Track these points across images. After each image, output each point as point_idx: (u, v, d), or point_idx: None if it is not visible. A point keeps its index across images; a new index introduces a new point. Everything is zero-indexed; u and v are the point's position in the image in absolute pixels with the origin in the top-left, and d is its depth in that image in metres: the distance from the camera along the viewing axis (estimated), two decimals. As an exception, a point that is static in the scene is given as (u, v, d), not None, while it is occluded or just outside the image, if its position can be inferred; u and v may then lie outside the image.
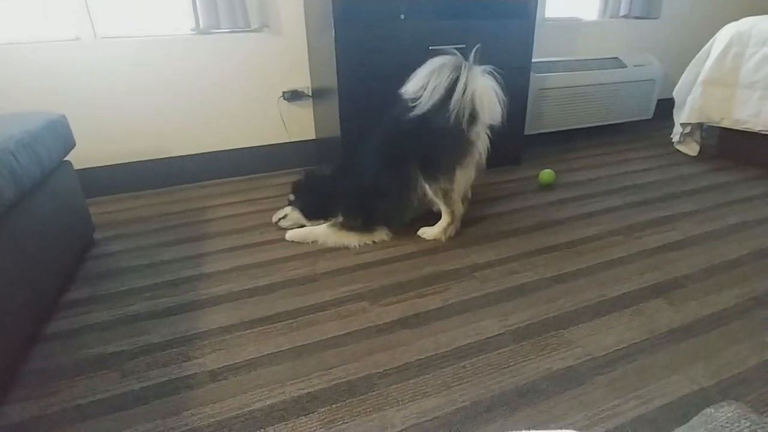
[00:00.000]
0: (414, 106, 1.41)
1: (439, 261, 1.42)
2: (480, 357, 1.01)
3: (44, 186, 1.32)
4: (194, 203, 1.97)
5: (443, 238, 1.54)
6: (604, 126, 2.73)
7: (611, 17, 2.78)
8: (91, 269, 1.46)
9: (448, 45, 1.88)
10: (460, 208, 1.55)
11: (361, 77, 1.81)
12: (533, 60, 2.12)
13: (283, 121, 2.29)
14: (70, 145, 1.52)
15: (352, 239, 1.51)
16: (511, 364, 0.99)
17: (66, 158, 1.51)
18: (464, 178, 1.50)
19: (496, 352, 1.03)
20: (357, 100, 1.84)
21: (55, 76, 1.88)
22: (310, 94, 2.28)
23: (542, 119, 2.50)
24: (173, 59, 2.02)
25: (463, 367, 0.99)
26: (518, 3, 2.05)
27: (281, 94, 2.24)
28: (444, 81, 1.39)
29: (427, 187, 1.49)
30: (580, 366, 0.97)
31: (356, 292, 1.27)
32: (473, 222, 1.67)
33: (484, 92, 1.44)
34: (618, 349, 1.02)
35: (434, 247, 1.50)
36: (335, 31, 1.71)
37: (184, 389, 0.95)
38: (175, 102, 2.08)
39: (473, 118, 1.44)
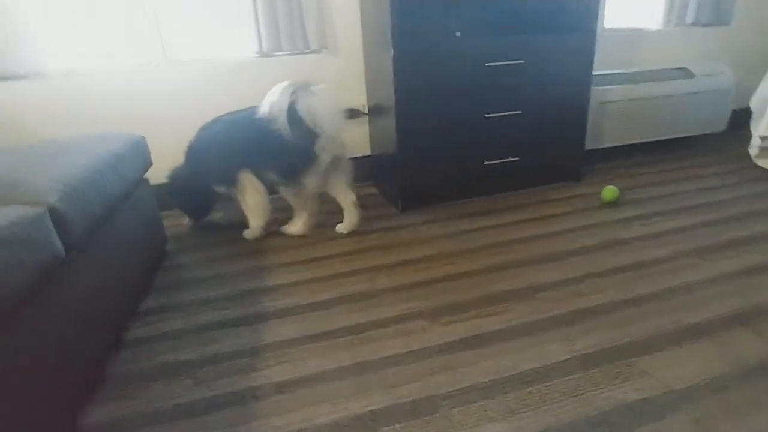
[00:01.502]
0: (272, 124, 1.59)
1: (498, 280, 1.39)
2: (546, 383, 0.98)
3: (126, 202, 1.42)
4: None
5: (305, 232, 1.83)
6: (671, 140, 2.59)
7: (677, 25, 2.65)
8: (164, 279, 1.55)
9: (505, 61, 1.88)
10: (311, 206, 1.83)
11: (417, 94, 1.83)
12: (593, 73, 2.05)
13: (339, 138, 2.35)
14: (148, 164, 1.63)
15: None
16: (580, 392, 0.95)
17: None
18: (312, 182, 1.72)
19: (564, 378, 0.99)
20: (414, 117, 1.86)
21: (131, 99, 2.04)
22: (366, 111, 2.32)
23: (603, 134, 2.41)
24: (238, 81, 2.13)
25: (529, 392, 0.96)
26: (577, 16, 2.01)
27: (338, 112, 2.30)
28: (285, 102, 1.58)
29: (281, 188, 1.79)
30: (658, 399, 0.92)
31: (415, 309, 1.26)
32: (534, 240, 1.63)
33: (318, 109, 1.61)
34: (700, 382, 0.95)
35: (494, 266, 1.47)
36: (394, 50, 1.74)
37: (251, 400, 0.98)
38: (239, 121, 2.19)
39: (314, 133, 1.62)
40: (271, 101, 1.60)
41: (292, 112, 1.58)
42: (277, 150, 1.63)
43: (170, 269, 1.62)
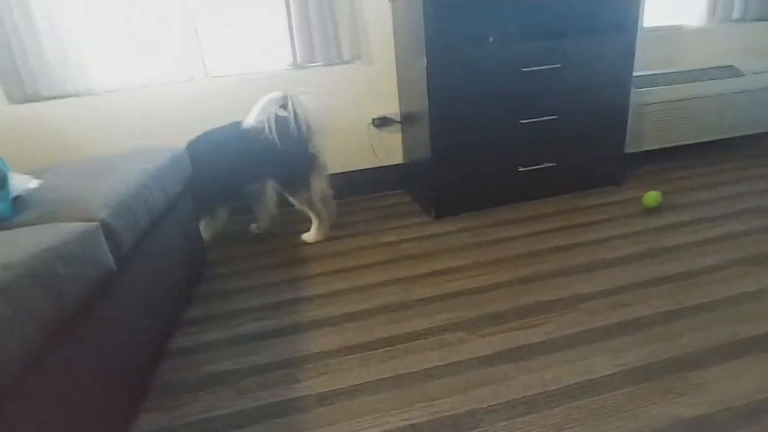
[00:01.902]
0: (263, 135, 1.66)
1: (537, 290, 1.36)
2: (594, 398, 0.95)
3: (169, 214, 1.47)
4: (290, 228, 2.08)
5: (321, 238, 1.86)
6: (717, 141, 2.47)
7: (722, 22, 2.54)
8: (205, 289, 1.59)
9: (541, 66, 1.85)
10: (323, 211, 1.84)
11: (451, 101, 1.82)
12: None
13: (372, 147, 2.36)
14: (188, 176, 1.69)
15: None
16: (632, 408, 0.91)
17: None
18: (319, 185, 1.78)
19: (612, 393, 0.95)
20: (447, 124, 1.85)
21: (173, 113, 2.11)
22: (399, 119, 2.33)
23: (644, 136, 2.33)
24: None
25: (576, 407, 0.93)
26: (617, 16, 1.96)
27: (371, 121, 2.32)
28: (274, 111, 1.67)
29: (292, 200, 1.81)
30: (715, 415, 0.87)
31: (453, 321, 1.25)
32: (573, 248, 1.58)
33: (308, 110, 1.73)
34: (762, 399, 0.90)
35: (532, 275, 1.44)
36: (427, 58, 1.74)
37: (294, 411, 0.99)
38: (274, 132, 2.24)
39: (310, 133, 1.71)
40: (257, 112, 1.68)
41: (280, 121, 1.66)
42: (277, 160, 1.70)
43: (210, 279, 1.67)
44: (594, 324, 1.18)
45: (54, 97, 2.00)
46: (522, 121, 1.92)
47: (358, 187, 2.42)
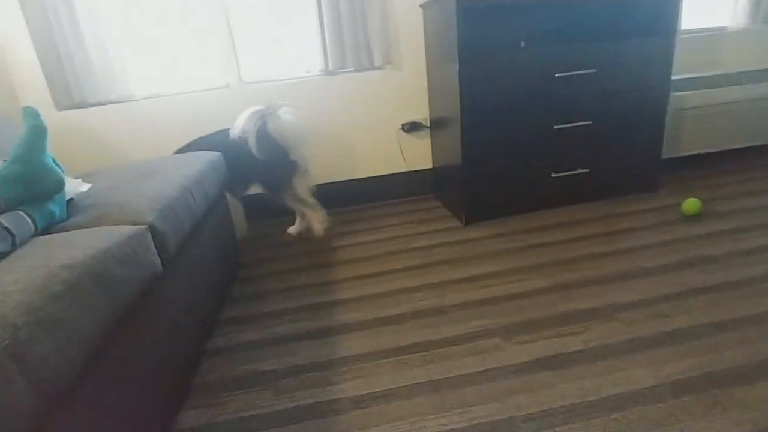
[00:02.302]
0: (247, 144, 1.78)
1: (574, 298, 1.34)
2: (634, 410, 0.93)
3: (208, 217, 1.52)
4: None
5: (300, 231, 2.11)
6: (758, 146, 2.38)
7: (765, 23, 2.45)
8: (241, 290, 1.63)
9: (575, 71, 1.82)
10: (311, 203, 2.00)
11: (483, 106, 1.82)
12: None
13: (401, 151, 2.38)
14: (225, 179, 1.73)
15: None
16: (673, 422, 0.89)
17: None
18: (302, 185, 1.95)
19: (654, 406, 0.93)
20: (479, 129, 1.85)
21: (209, 119, 2.18)
22: (428, 124, 2.34)
23: (682, 141, 2.27)
24: (305, 98, 2.22)
25: (615, 419, 0.91)
26: (655, 19, 1.92)
27: (400, 126, 2.34)
28: (254, 125, 1.78)
29: (284, 200, 1.97)
30: (765, 434, 0.84)
31: (488, 327, 1.24)
32: (609, 256, 1.55)
33: (286, 126, 1.85)
34: (815, 418, 0.86)
35: (567, 283, 1.42)
36: (459, 63, 1.74)
37: (330, 413, 1.01)
38: (304, 136, 2.28)
39: (284, 148, 1.86)
40: (241, 124, 1.79)
41: (261, 133, 1.79)
42: (261, 166, 1.85)
43: (245, 280, 1.70)
44: (633, 334, 1.16)
45: (97, 104, 2.09)
46: (555, 127, 1.90)
47: (387, 191, 2.43)
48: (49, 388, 0.59)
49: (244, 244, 2.03)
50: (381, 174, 2.41)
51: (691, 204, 1.78)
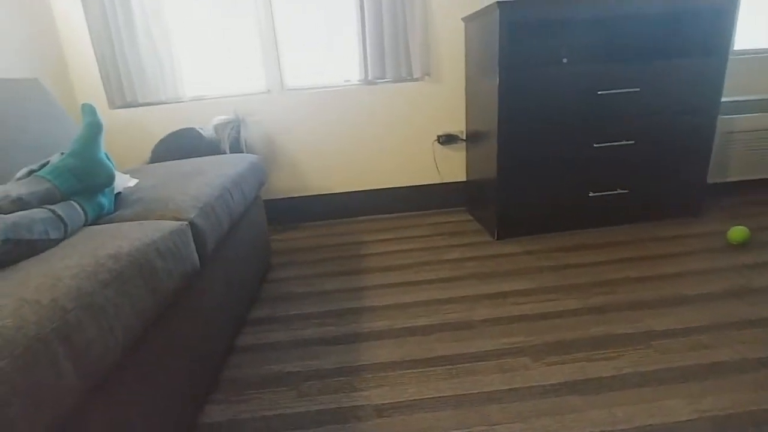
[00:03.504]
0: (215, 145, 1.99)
1: (608, 322, 1.30)
2: (669, 443, 0.89)
3: (245, 218, 1.56)
4: (353, 237, 2.13)
5: None
6: (815, 175, 2.26)
7: (826, 46, 2.34)
8: (270, 291, 1.66)
9: (619, 89, 1.78)
10: None
11: (521, 121, 1.80)
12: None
13: (435, 163, 2.38)
14: (263, 182, 1.78)
15: None
16: (712, 459, 0.85)
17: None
18: None
19: (691, 441, 0.89)
20: (516, 144, 1.83)
21: (249, 122, 2.24)
22: (464, 137, 2.33)
23: (729, 166, 2.18)
24: (343, 107, 2.26)
25: (648, 451, 0.87)
26: (706, 38, 1.86)
27: (436, 138, 2.34)
28: (228, 132, 1.98)
29: None
30: (814, 481, 0.79)
31: (517, 345, 1.22)
32: (647, 281, 1.50)
33: (255, 136, 2.13)
34: None
35: (602, 306, 1.38)
36: (499, 77, 1.73)
37: (352, 419, 1.01)
38: (341, 144, 2.32)
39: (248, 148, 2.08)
40: (216, 127, 2.00)
41: (233, 140, 2.00)
42: None
43: (275, 282, 1.74)
44: (670, 363, 1.11)
45: (147, 104, 2.19)
46: (595, 145, 1.85)
47: (420, 202, 2.43)
48: (92, 371, 0.61)
49: (274, 246, 2.07)
50: (414, 184, 2.41)
51: (737, 232, 1.70)
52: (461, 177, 2.42)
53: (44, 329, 0.54)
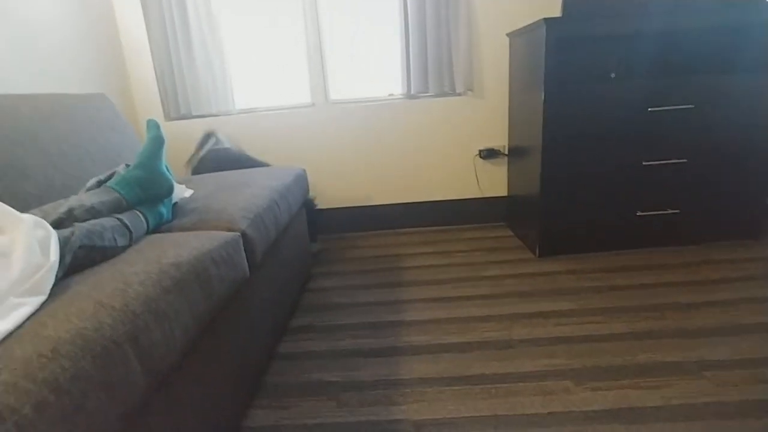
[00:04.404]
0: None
1: (656, 348, 1.25)
2: (722, 482, 0.85)
3: (289, 228, 1.61)
4: (392, 250, 2.15)
5: None
6: None
7: None
8: (310, 300, 1.70)
9: (670, 106, 1.73)
10: None
11: (566, 137, 1.78)
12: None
13: (476, 177, 2.37)
14: (307, 194, 1.83)
15: None
16: (770, 502, 0.80)
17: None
18: None
19: (746, 481, 0.84)
20: (560, 160, 1.80)
21: (295, 134, 2.32)
22: (506, 152, 2.32)
23: (792, 187, 2.05)
24: (386, 120, 2.30)
25: (699, 488, 0.84)
26: (762, 53, 1.77)
27: (477, 152, 2.34)
28: (209, 145, 2.10)
29: None
30: None
31: (558, 368, 1.20)
32: (699, 307, 1.43)
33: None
34: None
35: (649, 331, 1.33)
36: (545, 92, 1.72)
37: (390, 433, 1.02)
38: (383, 156, 2.35)
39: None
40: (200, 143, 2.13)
41: (213, 153, 2.08)
42: None
43: (315, 291, 1.78)
44: (723, 397, 1.05)
45: (199, 116, 2.30)
46: (644, 163, 1.80)
47: (460, 216, 2.43)
48: (155, 370, 0.66)
49: (316, 256, 2.12)
50: (455, 198, 2.41)
51: (801, 258, 1.60)
52: (502, 192, 2.40)
53: (118, 331, 0.59)
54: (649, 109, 1.73)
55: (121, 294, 0.66)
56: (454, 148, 2.34)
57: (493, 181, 2.39)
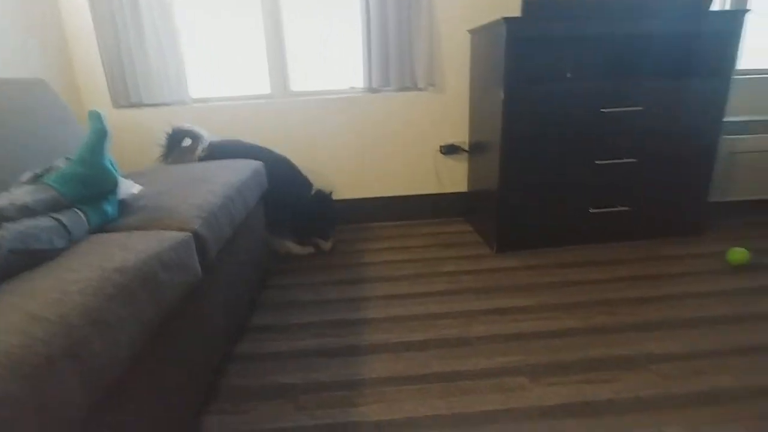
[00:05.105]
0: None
1: (607, 343, 1.30)
2: (666, 471, 0.89)
3: (245, 224, 1.56)
4: (353, 245, 2.13)
5: None
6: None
7: (830, 71, 2.35)
8: (270, 298, 1.66)
9: (622, 107, 1.79)
10: None
11: (524, 135, 1.81)
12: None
13: (437, 173, 2.38)
14: (264, 189, 1.78)
15: None
16: (709, 490, 0.85)
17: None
18: None
19: (688, 470, 0.89)
20: (518, 158, 1.83)
21: (253, 126, 2.24)
22: (467, 148, 2.34)
23: (731, 186, 2.19)
24: (347, 113, 2.26)
25: (645, 479, 0.87)
26: (711, 58, 1.87)
27: (438, 148, 2.34)
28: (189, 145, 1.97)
29: None
30: None
31: (514, 364, 1.22)
32: (646, 302, 1.50)
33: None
34: None
35: (602, 326, 1.38)
36: (504, 90, 1.74)
37: (350, 436, 1.01)
38: (343, 150, 2.32)
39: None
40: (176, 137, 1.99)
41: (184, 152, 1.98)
42: None
43: (274, 289, 1.73)
44: (668, 389, 1.11)
45: (151, 105, 2.18)
46: (597, 162, 1.86)
47: (419, 211, 2.44)
48: (97, 385, 0.61)
49: (274, 253, 2.07)
50: (416, 193, 2.42)
51: (737, 253, 1.71)
52: (462, 188, 2.42)
53: (52, 347, 0.54)
54: (602, 110, 1.79)
55: (57, 304, 0.61)
56: (416, 143, 2.33)
57: (454, 177, 2.40)
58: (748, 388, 1.10)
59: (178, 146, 1.99)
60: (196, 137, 1.97)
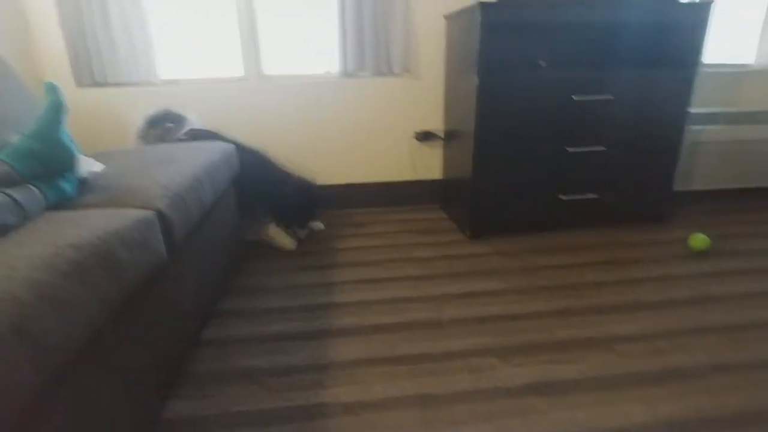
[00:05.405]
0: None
1: (572, 325, 1.33)
2: (625, 445, 0.92)
3: (215, 207, 1.52)
4: (326, 231, 2.12)
5: None
6: (772, 188, 2.37)
7: (789, 66, 2.45)
8: (241, 283, 1.63)
9: (592, 96, 1.82)
10: None
11: (498, 122, 1.82)
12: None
13: (412, 159, 2.38)
14: (236, 172, 1.74)
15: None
16: (664, 461, 0.88)
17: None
18: None
19: (645, 443, 0.92)
20: (492, 145, 1.85)
21: (225, 107, 2.19)
22: (442, 135, 2.34)
23: (695, 175, 2.26)
24: (321, 97, 2.23)
25: (605, 453, 0.90)
26: (678, 51, 1.91)
27: (414, 135, 2.34)
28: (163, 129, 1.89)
29: None
30: (756, 483, 0.83)
31: (484, 346, 1.24)
32: (611, 285, 1.55)
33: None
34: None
35: (567, 309, 1.41)
36: (478, 77, 1.74)
37: (318, 417, 1.01)
38: (317, 135, 2.29)
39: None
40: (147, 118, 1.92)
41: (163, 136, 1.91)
42: None
43: (246, 273, 1.71)
44: (629, 368, 1.15)
45: (117, 84, 2.10)
46: (568, 149, 1.89)
47: (394, 198, 2.44)
48: (50, 364, 0.59)
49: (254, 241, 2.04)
50: (390, 180, 2.41)
51: (698, 240, 1.77)
52: (437, 175, 2.43)
53: (-4, 324, 0.52)
54: (574, 98, 1.82)
55: (6, 280, 0.58)
56: (391, 129, 2.32)
57: (429, 164, 2.41)
58: (702, 366, 1.15)
59: (161, 127, 1.91)
60: (179, 122, 1.90)
